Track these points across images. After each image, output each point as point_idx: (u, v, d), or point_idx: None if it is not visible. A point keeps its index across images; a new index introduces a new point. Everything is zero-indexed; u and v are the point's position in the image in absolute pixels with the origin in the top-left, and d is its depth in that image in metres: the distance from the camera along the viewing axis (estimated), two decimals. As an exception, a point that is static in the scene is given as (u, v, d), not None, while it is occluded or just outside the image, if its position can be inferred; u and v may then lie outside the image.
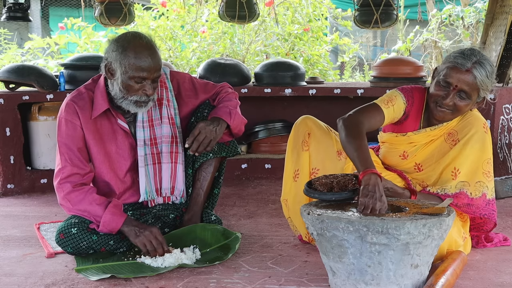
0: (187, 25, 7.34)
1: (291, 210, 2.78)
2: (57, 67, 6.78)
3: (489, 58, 2.52)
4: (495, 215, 2.57)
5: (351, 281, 2.16)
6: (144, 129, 2.75)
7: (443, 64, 2.53)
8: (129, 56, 2.56)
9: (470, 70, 2.44)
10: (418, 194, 2.52)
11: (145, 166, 2.75)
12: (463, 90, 2.46)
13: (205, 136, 2.67)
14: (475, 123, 2.54)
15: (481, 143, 2.52)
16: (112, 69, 2.61)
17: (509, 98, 3.99)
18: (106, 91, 2.69)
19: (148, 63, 2.57)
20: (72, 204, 2.62)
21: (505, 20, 4.12)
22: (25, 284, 2.35)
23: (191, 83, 2.90)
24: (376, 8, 4.31)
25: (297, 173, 2.73)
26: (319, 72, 7.07)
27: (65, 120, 2.67)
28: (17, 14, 4.74)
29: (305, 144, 2.71)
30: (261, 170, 4.42)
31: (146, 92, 2.60)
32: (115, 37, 2.65)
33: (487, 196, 2.53)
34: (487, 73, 2.46)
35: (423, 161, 2.63)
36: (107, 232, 2.60)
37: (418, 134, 2.62)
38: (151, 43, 2.63)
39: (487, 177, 2.53)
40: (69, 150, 2.66)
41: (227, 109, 2.77)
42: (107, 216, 2.58)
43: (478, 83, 2.45)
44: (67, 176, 2.64)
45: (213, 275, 2.41)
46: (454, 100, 2.48)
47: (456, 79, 2.45)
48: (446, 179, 2.53)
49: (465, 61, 2.44)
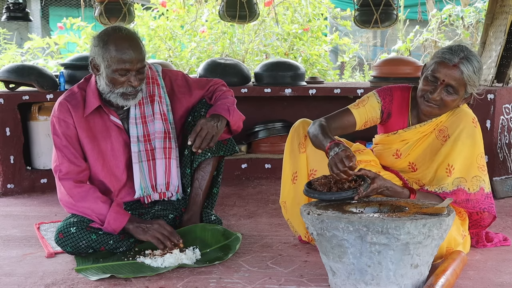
0: (186, 25, 7.34)
1: (290, 212, 2.79)
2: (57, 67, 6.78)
3: (477, 54, 2.54)
4: (494, 208, 2.58)
5: (351, 281, 2.16)
6: (137, 125, 2.76)
7: (431, 60, 2.55)
8: (110, 49, 2.56)
9: (457, 65, 2.46)
10: (418, 193, 2.53)
11: (139, 162, 2.75)
12: (450, 85, 2.48)
13: (207, 132, 2.67)
14: (464, 118, 2.56)
15: (472, 138, 2.54)
16: (96, 65, 2.62)
17: (509, 98, 3.99)
18: (97, 89, 2.70)
19: (130, 55, 2.57)
20: (75, 200, 2.62)
21: (505, 20, 4.12)
22: (25, 284, 2.35)
23: (183, 80, 2.91)
24: (376, 8, 4.31)
25: (295, 175, 2.74)
26: (319, 72, 7.07)
27: (58, 119, 2.68)
28: (17, 14, 4.74)
29: (301, 146, 2.72)
30: (261, 170, 4.42)
31: (131, 83, 2.60)
32: (96, 33, 2.66)
33: (485, 190, 2.54)
34: (474, 68, 2.47)
35: (416, 159, 2.64)
36: (111, 231, 2.60)
37: (408, 131, 2.64)
38: (132, 35, 2.63)
39: (482, 171, 2.54)
40: (65, 147, 2.67)
41: (225, 106, 2.78)
42: (112, 214, 2.58)
43: (465, 78, 2.46)
44: (66, 172, 2.66)
45: (213, 275, 2.41)
46: (441, 95, 2.50)
47: (444, 74, 2.47)
48: (442, 177, 2.53)
49: (453, 56, 2.47)
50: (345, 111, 2.68)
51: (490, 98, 3.86)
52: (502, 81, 4.05)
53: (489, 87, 4.03)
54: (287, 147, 2.79)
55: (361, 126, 2.69)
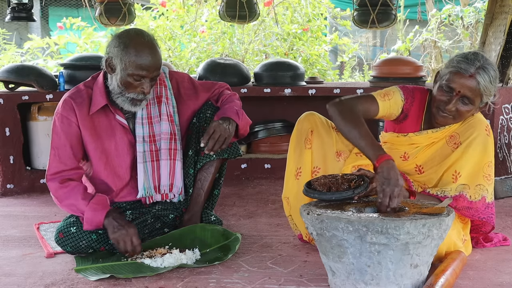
0: (186, 25, 7.34)
1: (293, 208, 2.77)
2: (56, 67, 6.78)
3: (493, 62, 2.48)
4: (493, 219, 2.55)
5: (350, 281, 2.16)
6: (143, 125, 2.76)
7: (446, 68, 2.49)
8: (130, 53, 2.57)
9: (474, 75, 2.40)
10: (417, 195, 2.52)
11: (143, 162, 2.75)
12: (466, 96, 2.42)
13: (220, 134, 2.68)
14: (477, 126, 2.51)
15: (483, 146, 2.49)
16: (112, 65, 2.62)
17: (509, 98, 4.00)
18: (104, 88, 2.70)
19: (148, 62, 2.57)
20: (60, 201, 2.65)
21: (505, 20, 4.12)
22: (24, 284, 2.35)
23: (190, 82, 2.92)
24: (372, 8, 4.31)
25: (299, 171, 2.72)
26: (318, 72, 7.07)
27: (61, 116, 2.68)
28: (21, 14, 4.74)
29: (307, 142, 2.69)
30: (260, 170, 4.42)
31: (143, 90, 2.61)
32: (118, 33, 2.66)
33: (487, 200, 2.51)
34: (490, 78, 2.42)
35: (424, 163, 2.62)
36: (93, 229, 2.59)
37: (419, 136, 2.61)
38: (153, 41, 2.64)
39: (487, 180, 2.51)
40: (61, 146, 2.67)
41: (233, 109, 2.79)
42: (89, 213, 2.58)
43: (482, 88, 2.41)
44: (54, 173, 2.66)
45: (213, 275, 2.41)
46: (457, 106, 2.45)
47: (459, 84, 2.42)
48: (447, 182, 2.52)
49: (469, 66, 2.40)
50: (371, 99, 2.56)
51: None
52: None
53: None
54: (292, 141, 2.75)
55: (379, 117, 2.61)
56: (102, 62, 2.67)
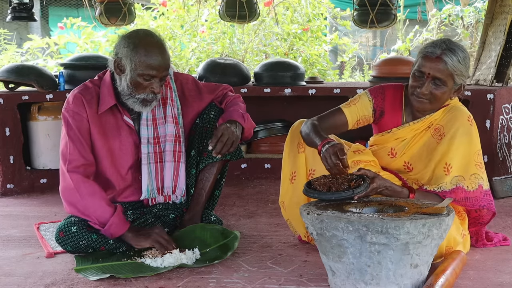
0: (186, 25, 7.35)
1: (288, 212, 2.80)
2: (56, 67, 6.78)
3: (461, 45, 2.55)
4: (493, 205, 2.59)
5: (350, 281, 2.16)
6: (148, 127, 2.76)
7: (416, 57, 2.58)
8: (139, 53, 2.57)
9: (440, 56, 2.47)
10: (417, 193, 2.53)
11: (147, 164, 2.75)
12: (437, 77, 2.49)
13: (228, 137, 2.69)
14: (459, 117, 2.56)
15: (468, 136, 2.54)
16: (121, 65, 2.62)
17: (508, 98, 3.99)
18: (112, 87, 2.69)
19: (158, 62, 2.58)
20: (81, 195, 2.58)
21: (505, 20, 4.12)
22: (24, 284, 2.35)
23: (194, 84, 2.93)
24: (372, 8, 4.31)
25: (294, 175, 2.75)
26: (318, 72, 7.07)
27: (72, 112, 2.66)
28: (22, 14, 4.75)
29: (300, 146, 2.73)
30: (260, 170, 4.42)
31: (153, 90, 2.61)
32: (126, 33, 2.66)
33: (484, 187, 2.54)
34: (458, 58, 2.49)
35: (411, 158, 2.64)
36: (108, 235, 2.59)
37: (402, 129, 2.65)
38: (162, 42, 2.64)
39: (480, 169, 2.54)
40: (78, 140, 2.65)
41: (239, 112, 2.80)
42: (115, 220, 2.57)
43: (450, 68, 2.47)
44: (76, 165, 2.62)
45: (213, 275, 2.41)
46: (430, 89, 2.51)
47: (428, 67, 2.49)
48: (440, 176, 2.53)
49: (435, 49, 2.49)
50: (336, 110, 2.70)
51: (489, 98, 3.87)
52: (501, 81, 4.05)
53: (489, 87, 4.03)
54: (286, 147, 2.80)
55: (353, 125, 2.71)
56: (109, 63, 2.67)
